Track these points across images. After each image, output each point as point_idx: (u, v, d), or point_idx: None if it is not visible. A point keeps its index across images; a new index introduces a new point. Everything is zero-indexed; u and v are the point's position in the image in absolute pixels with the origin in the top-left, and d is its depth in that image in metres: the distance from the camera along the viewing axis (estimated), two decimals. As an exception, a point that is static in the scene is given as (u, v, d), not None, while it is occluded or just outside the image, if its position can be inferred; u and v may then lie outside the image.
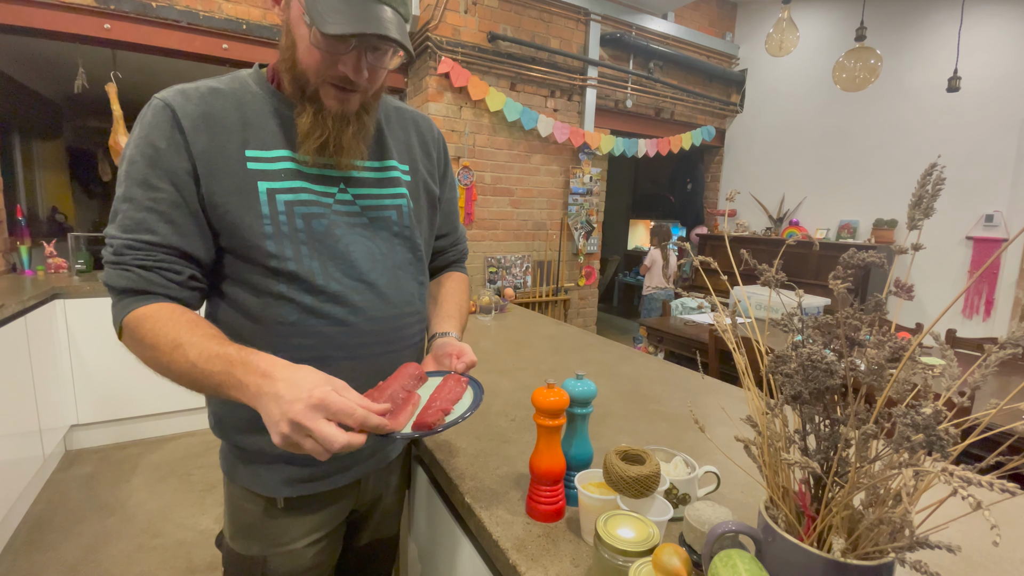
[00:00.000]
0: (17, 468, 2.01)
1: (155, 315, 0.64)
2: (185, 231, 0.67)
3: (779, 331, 0.58)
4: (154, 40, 2.82)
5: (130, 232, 0.65)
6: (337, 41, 0.64)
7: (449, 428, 0.65)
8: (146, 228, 0.65)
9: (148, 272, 0.65)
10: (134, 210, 0.65)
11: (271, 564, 0.79)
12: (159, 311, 0.64)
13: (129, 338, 0.66)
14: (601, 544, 0.57)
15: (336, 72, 0.67)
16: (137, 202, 0.65)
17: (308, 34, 0.64)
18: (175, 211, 0.67)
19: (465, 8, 3.47)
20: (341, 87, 0.69)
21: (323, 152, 0.71)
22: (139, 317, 0.64)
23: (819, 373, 0.50)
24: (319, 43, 0.64)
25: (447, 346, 0.79)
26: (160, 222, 0.66)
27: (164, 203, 0.66)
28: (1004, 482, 0.37)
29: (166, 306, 0.65)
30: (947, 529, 0.46)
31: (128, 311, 0.65)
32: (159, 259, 0.66)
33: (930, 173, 0.46)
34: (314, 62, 0.67)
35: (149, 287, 0.65)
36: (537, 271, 4.07)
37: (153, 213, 0.66)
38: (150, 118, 0.67)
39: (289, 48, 0.68)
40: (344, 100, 0.70)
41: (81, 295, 2.51)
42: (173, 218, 0.66)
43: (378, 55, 0.68)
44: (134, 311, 0.64)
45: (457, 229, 1.02)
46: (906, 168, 3.97)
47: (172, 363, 0.61)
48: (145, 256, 0.65)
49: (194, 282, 0.70)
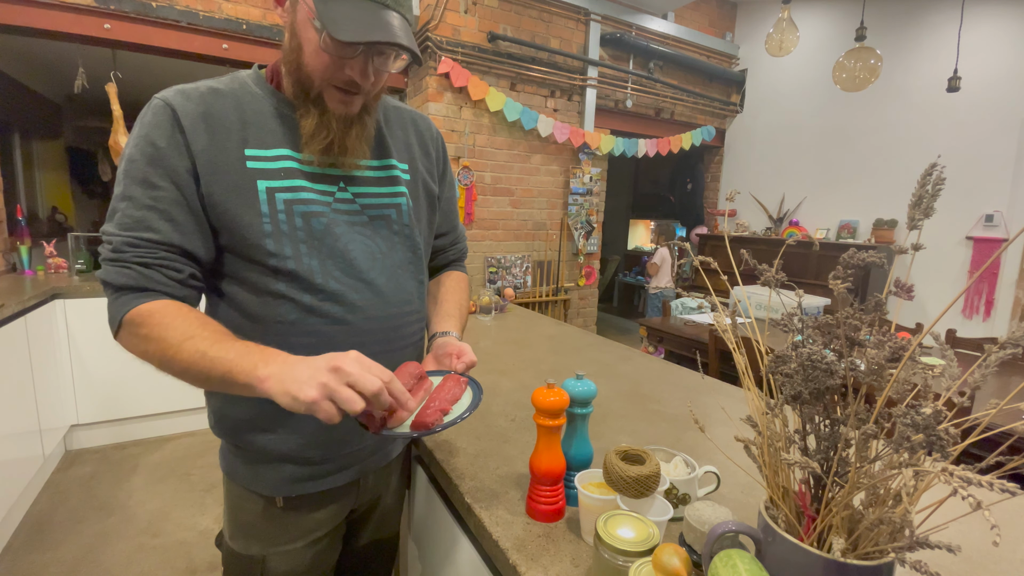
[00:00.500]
0: (17, 468, 2.01)
1: (163, 310, 0.64)
2: (185, 229, 0.67)
3: (779, 331, 0.58)
4: (154, 40, 2.82)
5: (130, 230, 0.65)
6: (346, 46, 0.65)
7: (448, 428, 0.65)
8: (146, 226, 0.65)
9: (148, 269, 0.65)
10: (134, 208, 0.65)
11: (270, 563, 0.79)
12: (166, 307, 0.65)
13: (130, 334, 0.65)
14: (601, 544, 0.57)
15: (343, 76, 0.68)
16: (137, 200, 0.65)
17: (317, 38, 0.65)
18: (175, 209, 0.67)
19: (465, 8, 3.47)
20: (345, 90, 0.70)
21: (328, 153, 0.72)
22: (145, 312, 0.64)
23: (819, 373, 0.50)
24: (329, 48, 0.65)
25: (447, 346, 0.79)
26: (161, 220, 0.66)
27: (164, 201, 0.66)
28: (1004, 482, 0.37)
29: (172, 303, 0.66)
30: (947, 529, 0.46)
31: (129, 307, 0.64)
32: (160, 257, 0.66)
33: (930, 173, 0.46)
34: (321, 65, 0.67)
35: (149, 284, 0.65)
36: (537, 271, 4.07)
37: (153, 211, 0.66)
38: (150, 117, 0.67)
39: (295, 50, 0.69)
40: (347, 102, 0.71)
41: (81, 295, 2.51)
42: (173, 216, 0.66)
43: (384, 60, 0.69)
44: (138, 307, 0.64)
45: (456, 228, 1.02)
46: (906, 168, 3.97)
47: (180, 355, 0.61)
48: (146, 253, 0.65)
49: (193, 280, 0.70)
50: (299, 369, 0.57)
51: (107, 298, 0.67)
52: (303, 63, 0.68)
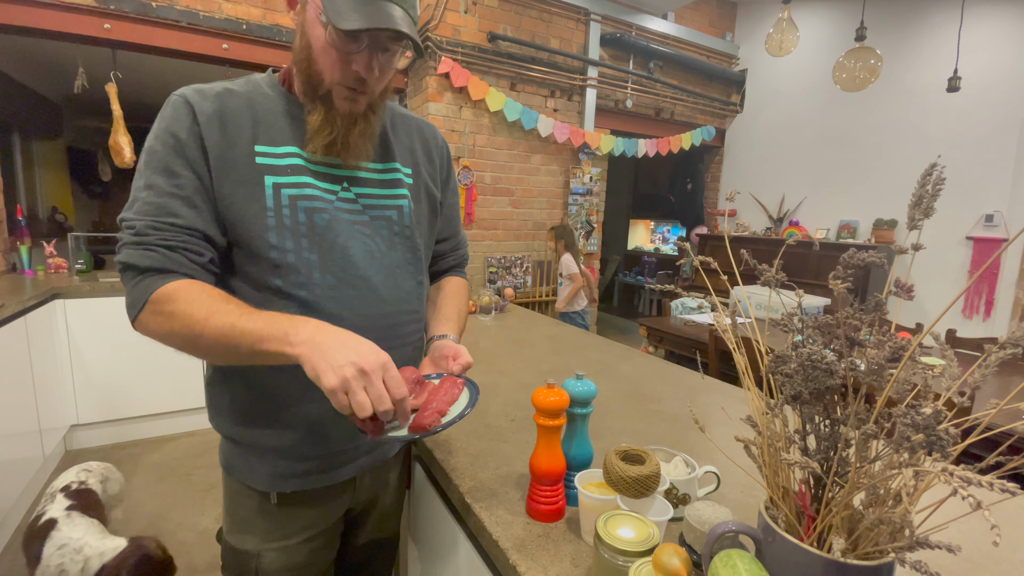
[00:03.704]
0: (17, 468, 2.01)
1: (187, 288, 0.65)
2: (206, 216, 0.69)
3: (779, 331, 0.58)
4: (154, 40, 2.82)
5: (152, 215, 0.66)
6: (351, 39, 0.66)
7: (446, 429, 0.65)
8: (169, 211, 0.67)
9: (173, 252, 0.66)
10: (155, 196, 0.67)
11: (265, 559, 0.80)
12: (191, 285, 0.66)
13: (155, 312, 0.65)
14: (601, 544, 0.57)
15: (349, 72, 0.70)
16: (159, 188, 0.67)
17: (324, 33, 0.67)
18: (197, 197, 0.69)
19: (465, 8, 3.47)
20: (352, 88, 0.71)
21: (331, 150, 0.74)
22: (171, 290, 0.65)
23: (819, 373, 0.50)
24: (335, 41, 0.67)
25: (444, 348, 0.80)
26: (184, 207, 0.67)
27: (187, 188, 0.68)
28: (1004, 482, 0.37)
29: (196, 282, 0.67)
30: (947, 529, 0.46)
31: (156, 287, 0.65)
32: (184, 240, 0.67)
33: (930, 173, 0.46)
34: (329, 61, 0.69)
35: (174, 266, 0.67)
36: (537, 271, 4.07)
37: (176, 198, 0.67)
38: (170, 112, 0.70)
39: (304, 49, 0.71)
40: (354, 100, 0.73)
41: (81, 295, 2.51)
42: (196, 203, 0.68)
43: (388, 56, 0.71)
44: (164, 286, 0.65)
45: (458, 234, 1.03)
46: (906, 168, 3.97)
47: (207, 329, 0.62)
48: (171, 236, 0.66)
49: (212, 266, 0.71)
50: (331, 349, 0.59)
51: (127, 283, 0.67)
52: (312, 60, 0.70)
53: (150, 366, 2.65)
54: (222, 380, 0.79)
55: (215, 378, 0.80)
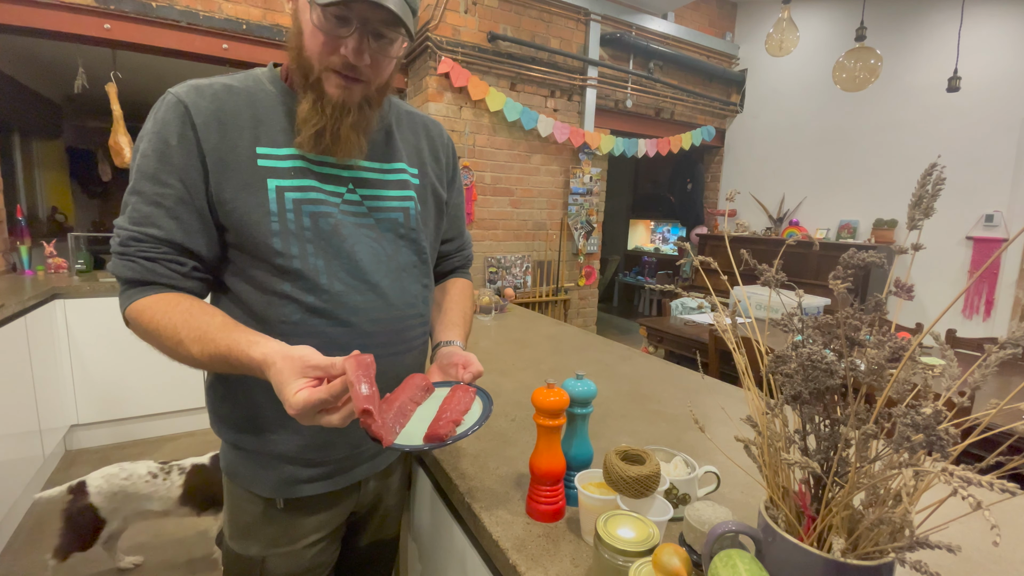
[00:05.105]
0: (17, 468, 2.01)
1: (153, 307, 0.66)
2: (190, 228, 0.69)
3: (779, 331, 0.58)
4: (154, 40, 2.82)
5: (137, 225, 0.67)
6: (340, 22, 0.65)
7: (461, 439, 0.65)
8: (151, 222, 0.67)
9: (152, 263, 0.67)
10: (142, 203, 0.67)
11: (269, 565, 0.79)
12: (156, 303, 0.67)
13: (135, 327, 0.69)
14: (601, 544, 0.57)
15: (338, 56, 0.67)
16: (145, 196, 0.67)
17: (311, 16, 0.66)
18: (180, 207, 0.68)
19: (465, 8, 3.47)
20: (344, 74, 0.69)
21: (319, 141, 0.70)
22: (139, 309, 0.67)
23: (819, 373, 0.50)
24: (322, 23, 0.65)
25: (453, 356, 0.79)
26: (165, 218, 0.67)
27: (170, 199, 0.67)
28: (1004, 482, 0.37)
29: (163, 297, 0.67)
30: (947, 529, 0.46)
31: (131, 301, 0.67)
32: (164, 251, 0.68)
33: (930, 173, 0.46)
34: (318, 45, 0.67)
35: (154, 277, 0.67)
36: (537, 271, 4.06)
37: (160, 208, 0.67)
38: (163, 113, 0.68)
39: (296, 36, 0.70)
40: (346, 88, 0.70)
41: (81, 295, 2.51)
42: (178, 214, 0.68)
43: (383, 44, 0.68)
44: (135, 303, 0.67)
45: (463, 235, 1.02)
46: (906, 168, 3.97)
47: (177, 354, 0.66)
48: (150, 248, 0.67)
49: (197, 273, 0.71)
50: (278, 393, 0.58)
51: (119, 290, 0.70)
52: (303, 46, 0.69)
53: (150, 366, 2.64)
54: (223, 386, 0.78)
55: (216, 384, 0.79)
